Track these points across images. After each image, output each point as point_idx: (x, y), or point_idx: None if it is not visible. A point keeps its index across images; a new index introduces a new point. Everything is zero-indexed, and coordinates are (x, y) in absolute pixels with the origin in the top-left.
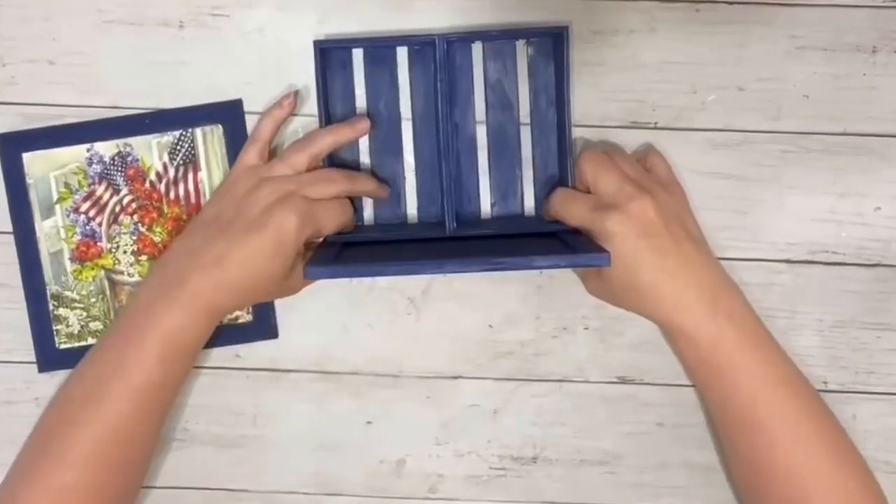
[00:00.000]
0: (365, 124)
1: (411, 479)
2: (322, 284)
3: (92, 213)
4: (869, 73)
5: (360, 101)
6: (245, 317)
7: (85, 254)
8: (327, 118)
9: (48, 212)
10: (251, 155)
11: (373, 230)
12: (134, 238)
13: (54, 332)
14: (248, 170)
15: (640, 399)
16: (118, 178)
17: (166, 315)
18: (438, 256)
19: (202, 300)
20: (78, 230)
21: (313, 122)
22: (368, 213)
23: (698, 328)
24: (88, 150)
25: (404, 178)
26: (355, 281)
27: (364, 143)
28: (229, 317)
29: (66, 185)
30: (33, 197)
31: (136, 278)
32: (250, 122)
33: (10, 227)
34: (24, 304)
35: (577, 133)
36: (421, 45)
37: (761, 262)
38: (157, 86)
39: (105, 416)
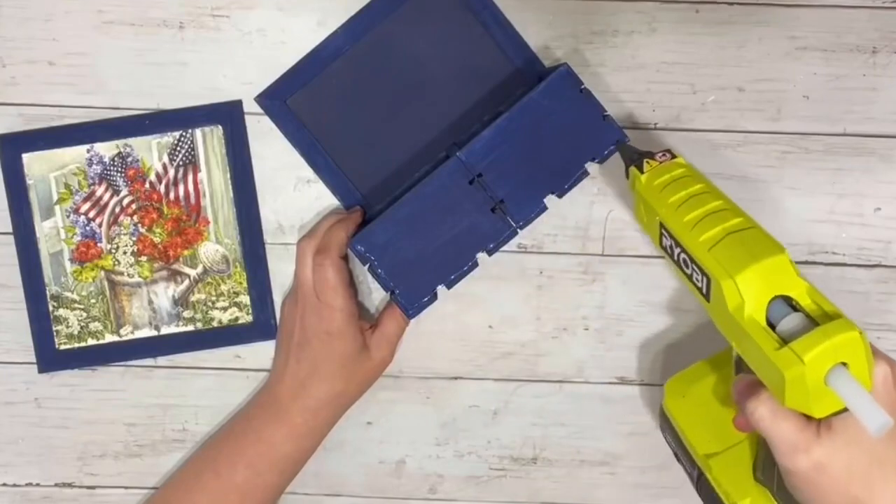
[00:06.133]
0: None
1: (411, 479)
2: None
3: (92, 214)
4: (869, 74)
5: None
6: (245, 318)
7: (85, 255)
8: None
9: (48, 212)
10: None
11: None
12: (134, 239)
13: (54, 333)
14: None
15: (639, 399)
16: (118, 178)
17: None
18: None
19: None
20: (78, 231)
21: None
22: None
23: None
24: (88, 151)
25: None
26: (355, 281)
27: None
28: (229, 317)
29: (66, 185)
30: (33, 197)
31: (136, 279)
32: (250, 122)
33: (10, 228)
34: (24, 305)
35: None
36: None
37: None
38: (157, 86)
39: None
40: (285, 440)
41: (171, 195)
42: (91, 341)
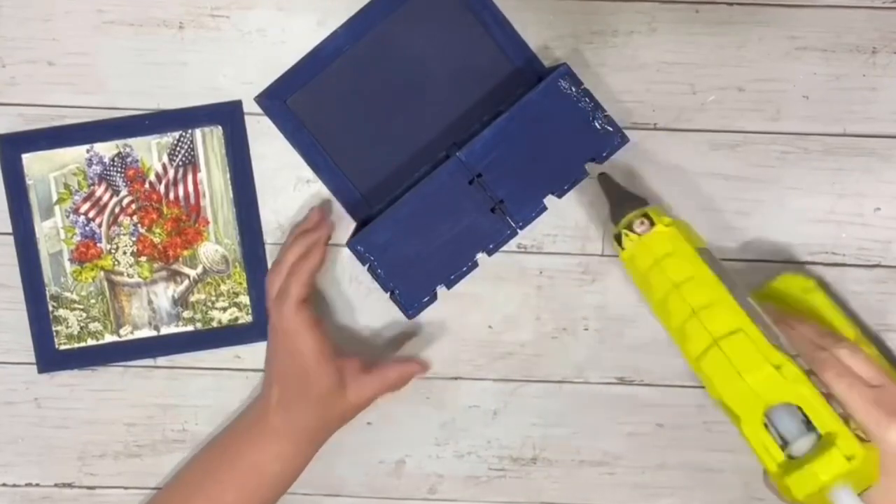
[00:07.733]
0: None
1: (411, 479)
2: (319, 280)
3: (91, 214)
4: (869, 74)
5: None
6: (245, 318)
7: (84, 255)
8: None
9: (48, 213)
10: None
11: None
12: (133, 239)
13: (54, 333)
14: None
15: (639, 399)
16: (118, 178)
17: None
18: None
19: None
20: (77, 231)
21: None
22: None
23: None
24: (88, 151)
25: None
26: (355, 282)
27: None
28: (229, 318)
29: (66, 185)
30: (33, 198)
31: (136, 279)
32: (250, 122)
33: (9, 228)
34: (23, 305)
35: None
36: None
37: (761, 263)
38: (157, 86)
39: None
40: (273, 460)
41: (171, 195)
42: (91, 341)
